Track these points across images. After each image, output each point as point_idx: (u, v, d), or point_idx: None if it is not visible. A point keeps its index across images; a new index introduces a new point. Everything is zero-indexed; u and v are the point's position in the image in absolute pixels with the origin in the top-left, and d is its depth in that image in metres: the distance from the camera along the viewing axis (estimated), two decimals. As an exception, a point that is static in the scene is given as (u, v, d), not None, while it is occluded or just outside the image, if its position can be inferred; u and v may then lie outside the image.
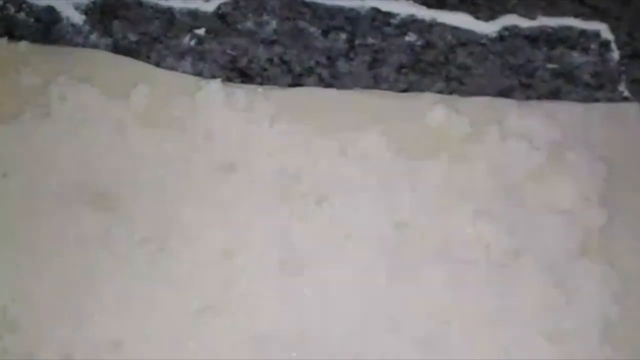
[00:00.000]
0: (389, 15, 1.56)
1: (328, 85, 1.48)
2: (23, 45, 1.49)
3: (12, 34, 1.51)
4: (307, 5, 1.55)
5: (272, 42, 1.55)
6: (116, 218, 1.35)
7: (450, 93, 1.48)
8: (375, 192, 1.39)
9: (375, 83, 1.51)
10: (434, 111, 1.44)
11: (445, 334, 1.28)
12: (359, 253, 1.33)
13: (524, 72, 1.52)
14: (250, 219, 1.35)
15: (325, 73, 1.52)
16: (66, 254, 1.33)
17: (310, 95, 1.48)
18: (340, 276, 1.31)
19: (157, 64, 1.50)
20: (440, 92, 1.48)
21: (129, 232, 1.34)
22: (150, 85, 1.45)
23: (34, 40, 1.51)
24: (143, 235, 1.34)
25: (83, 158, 1.39)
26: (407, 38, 1.55)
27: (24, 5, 1.55)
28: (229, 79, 1.48)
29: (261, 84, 1.48)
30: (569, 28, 1.55)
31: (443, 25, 1.56)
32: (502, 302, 1.31)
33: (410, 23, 1.55)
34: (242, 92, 1.45)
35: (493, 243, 1.34)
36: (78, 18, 1.55)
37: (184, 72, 1.51)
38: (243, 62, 1.54)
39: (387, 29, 1.54)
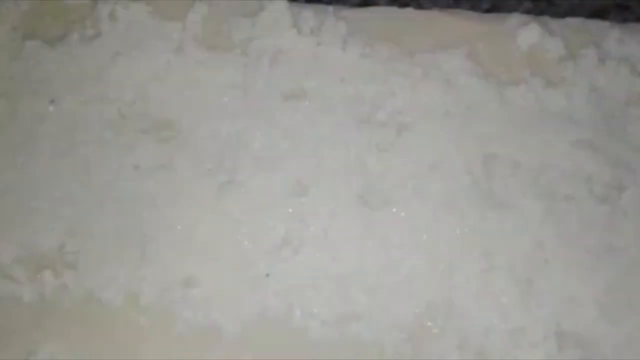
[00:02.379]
0: None
1: (402, 4, 1.42)
2: (65, -41, 1.33)
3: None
4: None
5: (339, -43, 1.38)
6: (178, 148, 1.29)
7: (539, 14, 1.39)
8: (461, 121, 1.33)
9: (455, 2, 1.46)
10: (525, 32, 1.39)
11: (544, 273, 1.23)
12: (446, 186, 1.28)
13: (619, -8, 1.36)
14: (324, 149, 1.30)
15: (399, -8, 1.37)
16: (125, 187, 1.28)
17: (386, 15, 1.41)
18: (426, 212, 1.26)
19: (214, -18, 1.35)
20: (528, 12, 1.40)
21: (193, 163, 1.29)
22: (208, 3, 1.39)
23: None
24: (209, 167, 1.28)
25: (138, 83, 1.34)
26: (490, -48, 1.38)
27: None
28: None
29: (328, 3, 1.41)
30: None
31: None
32: (605, 240, 1.24)
33: None
34: (309, 12, 1.38)
35: (594, 176, 1.28)
36: None
37: None
38: (306, -21, 1.37)
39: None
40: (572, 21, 1.39)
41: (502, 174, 1.28)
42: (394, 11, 1.41)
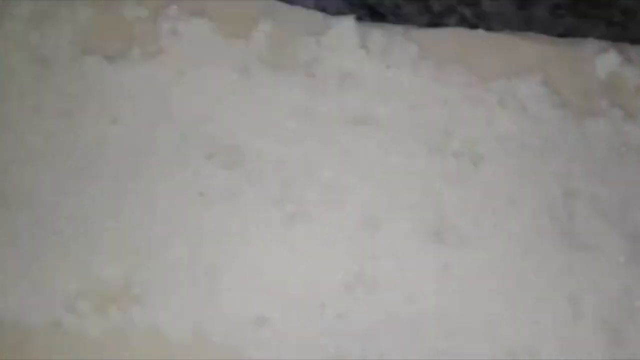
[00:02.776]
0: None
1: (471, 26, 1.36)
2: (125, -30, 1.28)
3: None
4: None
5: (406, -24, 1.33)
6: (245, 174, 1.26)
7: (614, 40, 1.35)
8: (539, 153, 1.29)
9: (526, 25, 1.40)
10: (603, 59, 1.35)
11: (633, 321, 1.19)
12: (525, 224, 1.25)
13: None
14: (395, 181, 1.27)
15: (468, 12, 1.41)
16: (190, 215, 1.24)
17: (456, 37, 1.37)
18: (505, 252, 1.23)
19: (277, -3, 1.30)
20: (602, 38, 1.37)
21: (260, 190, 1.26)
22: (272, 22, 1.35)
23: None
24: (276, 195, 1.26)
25: (202, 103, 1.30)
26: (563, -26, 1.34)
27: None
28: (357, 18, 1.37)
29: (394, 24, 1.33)
30: None
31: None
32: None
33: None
34: (378, 32, 1.34)
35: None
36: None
37: (304, 7, 1.38)
38: (373, -3, 1.32)
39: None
40: (650, 48, 1.24)
41: (584, 212, 1.25)
42: (464, 33, 1.38)
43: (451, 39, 1.38)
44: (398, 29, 1.35)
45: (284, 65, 1.33)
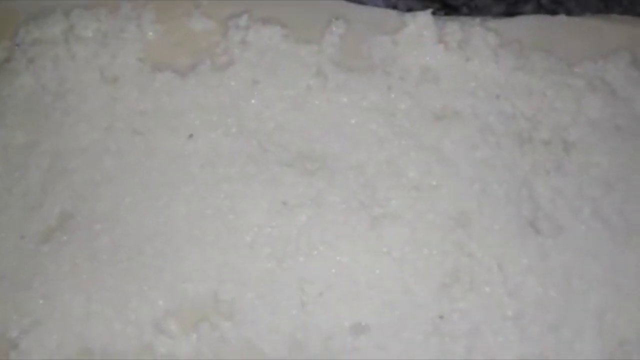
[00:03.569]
0: None
1: (549, 12, 1.32)
2: (189, -17, 1.26)
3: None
4: None
5: (475, -34, 1.29)
6: (326, 180, 1.22)
7: None
8: (634, 135, 1.25)
9: (606, 8, 1.37)
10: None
11: None
12: (626, 208, 1.20)
13: None
14: (484, 174, 1.22)
15: (544, -1, 1.26)
16: (276, 224, 1.20)
17: (536, 24, 1.33)
18: (607, 239, 1.18)
19: (346, -2, 1.26)
20: None
21: (344, 195, 1.22)
22: (345, 23, 1.31)
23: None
24: (361, 199, 1.22)
25: (277, 112, 1.26)
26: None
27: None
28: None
29: (468, 15, 1.28)
30: None
31: None
32: None
33: None
34: (455, 25, 1.30)
35: None
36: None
37: (375, 6, 1.35)
38: (444, -10, 1.28)
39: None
40: None
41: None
42: (544, 19, 1.33)
43: (531, 26, 1.33)
44: (475, 20, 1.31)
45: (359, 67, 1.30)
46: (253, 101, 1.26)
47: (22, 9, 1.28)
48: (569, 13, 1.33)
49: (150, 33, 1.30)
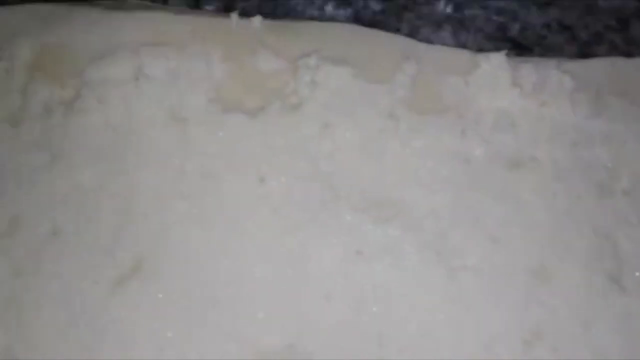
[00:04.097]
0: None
1: (624, 53, 1.30)
2: (257, 21, 1.32)
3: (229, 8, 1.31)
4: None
5: (547, 4, 1.36)
6: (402, 229, 1.20)
7: None
8: None
9: (685, 51, 1.22)
10: None
11: None
12: None
13: None
14: (564, 226, 1.21)
15: (618, 39, 1.35)
16: (350, 275, 1.20)
17: (612, 66, 1.30)
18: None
19: (410, 36, 1.32)
20: None
21: (420, 245, 1.20)
22: (416, 63, 1.29)
23: (259, 14, 1.31)
24: (437, 249, 1.21)
25: (349, 155, 1.25)
26: None
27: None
28: (499, 51, 1.28)
29: (541, 55, 1.27)
30: None
31: None
32: None
33: None
34: (529, 67, 1.28)
35: None
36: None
37: (443, 44, 1.31)
38: (515, 29, 1.37)
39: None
40: None
41: None
42: (621, 62, 1.30)
43: (607, 68, 1.30)
44: (550, 63, 1.29)
45: (432, 109, 1.27)
46: (324, 143, 1.24)
47: (88, 46, 1.29)
48: (644, 54, 1.19)
49: (219, 73, 1.29)
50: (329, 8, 1.33)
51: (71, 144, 1.22)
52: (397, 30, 1.32)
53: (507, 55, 1.27)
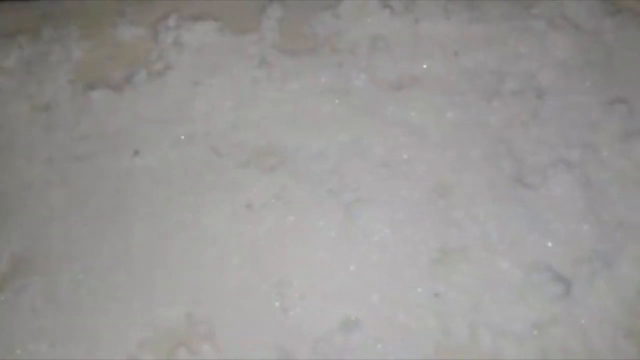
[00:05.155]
0: None
1: None
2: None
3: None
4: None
5: None
6: (289, 174, 1.16)
7: None
8: (606, 68, 1.17)
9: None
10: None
11: None
12: (615, 145, 1.12)
13: None
14: (458, 138, 1.17)
15: None
16: (242, 232, 1.14)
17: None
18: (600, 179, 1.11)
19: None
20: None
21: (310, 187, 1.16)
22: (280, 5, 1.25)
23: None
24: (329, 187, 1.16)
25: (226, 110, 1.21)
26: None
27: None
28: None
29: None
30: None
31: None
32: None
33: None
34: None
35: None
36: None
37: None
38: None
39: None
40: None
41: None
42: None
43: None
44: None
45: (304, 48, 1.23)
46: (198, 103, 1.18)
47: None
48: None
49: (78, 53, 1.24)
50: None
51: None
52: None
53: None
